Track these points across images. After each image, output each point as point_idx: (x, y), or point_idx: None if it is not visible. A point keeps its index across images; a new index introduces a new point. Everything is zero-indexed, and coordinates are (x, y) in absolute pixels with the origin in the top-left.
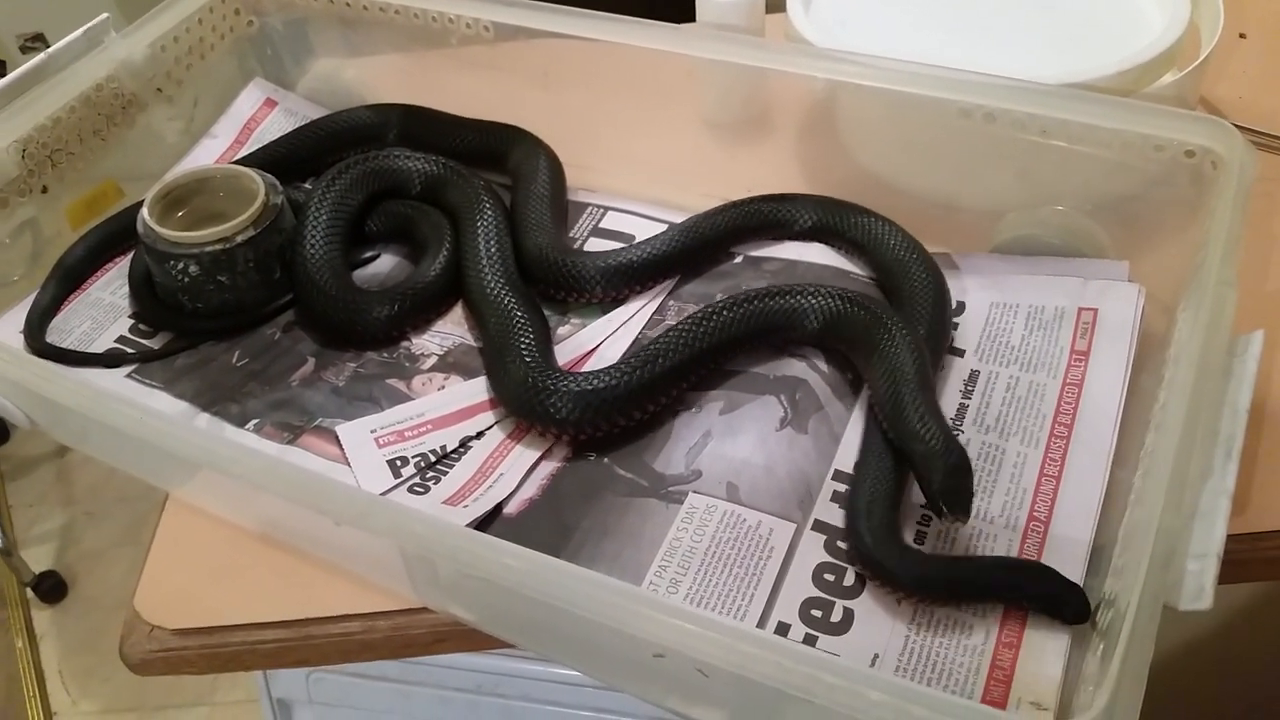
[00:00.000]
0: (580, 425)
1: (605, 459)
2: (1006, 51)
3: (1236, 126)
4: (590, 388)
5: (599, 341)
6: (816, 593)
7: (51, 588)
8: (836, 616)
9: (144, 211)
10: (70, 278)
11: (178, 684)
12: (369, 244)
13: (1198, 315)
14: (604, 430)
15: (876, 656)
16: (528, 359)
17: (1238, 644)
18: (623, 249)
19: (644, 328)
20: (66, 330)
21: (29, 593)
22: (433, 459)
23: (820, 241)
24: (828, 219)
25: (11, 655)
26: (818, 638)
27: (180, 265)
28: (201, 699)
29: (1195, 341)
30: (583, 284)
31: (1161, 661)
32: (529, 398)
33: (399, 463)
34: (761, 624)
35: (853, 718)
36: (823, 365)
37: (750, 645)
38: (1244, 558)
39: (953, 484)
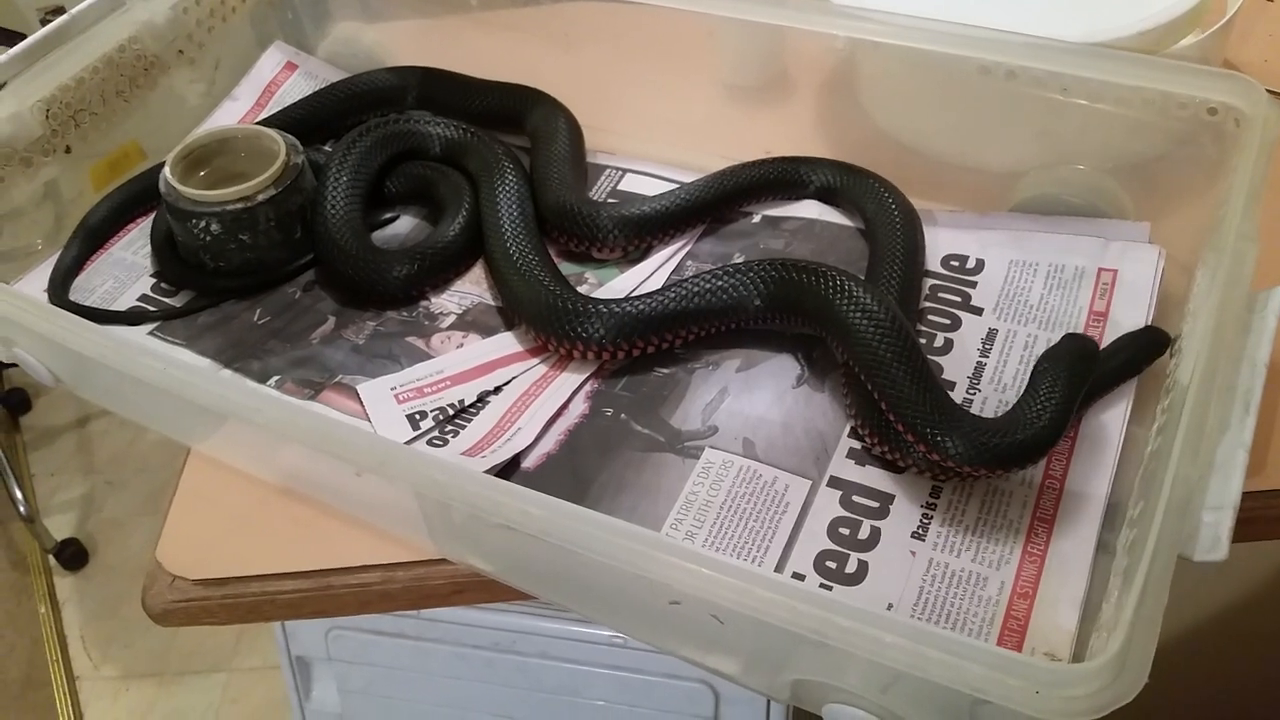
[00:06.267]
0: (609, 344)
1: (622, 415)
2: (1028, 11)
3: None
4: (619, 310)
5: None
6: (831, 545)
7: (73, 555)
8: (851, 568)
9: (166, 170)
10: (93, 237)
11: (198, 650)
12: (388, 205)
13: (1217, 269)
14: (632, 350)
15: (891, 606)
16: (555, 289)
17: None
18: (641, 199)
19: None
20: (89, 289)
21: (51, 560)
22: (451, 413)
23: (826, 201)
24: (833, 179)
25: (35, 621)
26: (832, 588)
27: (202, 224)
28: (221, 665)
29: (1214, 295)
30: (602, 234)
31: (1178, 634)
32: (559, 318)
33: (417, 416)
34: (777, 574)
35: (866, 661)
36: None
37: (764, 589)
38: (1262, 515)
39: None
